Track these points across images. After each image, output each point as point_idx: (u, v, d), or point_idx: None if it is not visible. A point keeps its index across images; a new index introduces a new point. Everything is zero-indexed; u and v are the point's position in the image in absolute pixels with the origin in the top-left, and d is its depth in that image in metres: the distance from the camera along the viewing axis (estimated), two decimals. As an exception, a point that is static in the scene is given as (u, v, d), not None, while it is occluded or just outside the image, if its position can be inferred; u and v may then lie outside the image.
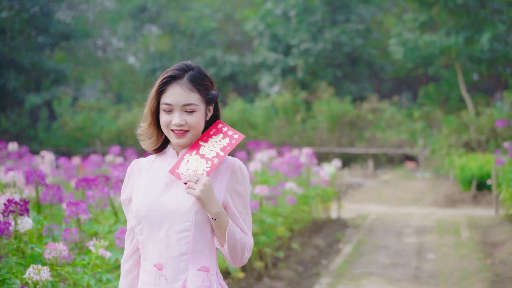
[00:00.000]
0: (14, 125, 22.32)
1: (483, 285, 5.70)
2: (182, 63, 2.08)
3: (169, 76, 2.03)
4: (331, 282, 6.04)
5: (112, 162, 9.95)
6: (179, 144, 2.05)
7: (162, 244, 2.01)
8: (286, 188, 6.93)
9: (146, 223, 2.03)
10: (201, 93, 2.04)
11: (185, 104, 2.01)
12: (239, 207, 2.07)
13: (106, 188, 4.10)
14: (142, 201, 2.04)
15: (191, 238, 2.00)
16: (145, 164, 2.14)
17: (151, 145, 2.11)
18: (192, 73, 2.05)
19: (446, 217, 10.34)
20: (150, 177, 2.09)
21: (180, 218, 1.99)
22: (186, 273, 2.01)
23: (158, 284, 2.01)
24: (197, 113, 2.03)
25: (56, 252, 3.03)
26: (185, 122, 2.02)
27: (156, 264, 2.02)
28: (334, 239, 8.38)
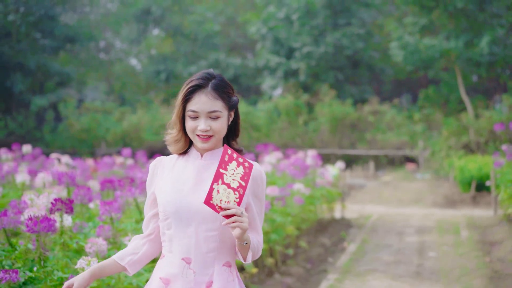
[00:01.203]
0: (20, 127, 22.64)
1: (482, 281, 6.03)
2: (205, 72, 2.21)
3: (194, 85, 2.16)
4: (338, 278, 6.37)
5: (123, 164, 10.32)
6: (204, 148, 2.20)
7: (191, 240, 2.15)
8: (294, 189, 7.26)
9: (175, 219, 2.16)
10: (224, 100, 2.18)
11: (210, 111, 2.14)
12: (258, 210, 2.24)
13: (133, 189, 4.43)
14: (170, 199, 2.17)
15: (218, 237, 2.15)
16: (168, 162, 2.27)
17: (179, 149, 2.25)
18: (215, 81, 2.18)
19: (446, 217, 10.67)
20: (175, 175, 2.22)
21: (208, 218, 2.14)
22: (213, 268, 2.16)
23: (186, 276, 2.15)
24: (221, 119, 2.17)
25: (96, 246, 3.36)
26: (210, 128, 2.15)
27: (184, 258, 2.15)
28: (338, 238, 8.71)
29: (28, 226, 2.96)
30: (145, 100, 25.61)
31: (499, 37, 19.23)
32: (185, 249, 2.16)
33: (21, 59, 22.80)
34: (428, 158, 18.74)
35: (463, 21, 19.37)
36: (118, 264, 2.27)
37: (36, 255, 3.04)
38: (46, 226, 2.96)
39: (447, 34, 19.43)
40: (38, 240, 3.01)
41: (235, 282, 2.22)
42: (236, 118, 2.27)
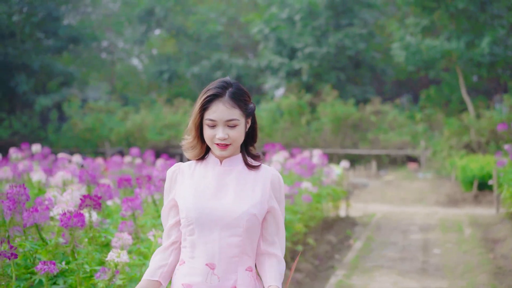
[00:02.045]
0: (24, 126, 22.80)
1: (486, 277, 6.20)
2: (221, 81, 2.23)
3: (212, 94, 2.19)
4: (346, 274, 6.54)
5: (132, 163, 10.49)
6: (223, 155, 2.23)
7: (215, 246, 2.17)
8: (302, 187, 7.42)
9: (197, 225, 2.19)
10: (241, 108, 2.20)
11: (227, 120, 2.17)
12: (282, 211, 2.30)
13: (152, 186, 4.59)
14: (192, 205, 2.19)
15: (241, 242, 2.19)
16: (186, 168, 2.30)
17: (196, 155, 2.29)
18: (232, 90, 2.20)
19: (449, 216, 10.85)
20: (196, 181, 2.25)
21: (231, 224, 2.17)
22: (236, 273, 2.19)
23: (210, 282, 2.17)
24: (238, 127, 2.19)
25: (122, 241, 3.53)
26: (228, 136, 2.18)
27: (208, 264, 2.17)
28: (344, 235, 8.88)
29: (62, 221, 3.12)
30: (148, 100, 25.75)
31: (500, 37, 19.38)
32: (209, 254, 2.18)
33: (25, 59, 22.96)
34: (430, 158, 18.90)
35: (464, 22, 19.52)
36: (152, 281, 2.25)
37: (69, 248, 3.21)
38: (78, 220, 3.13)
39: (448, 35, 19.58)
40: (71, 234, 3.17)
41: (256, 286, 2.26)
42: (253, 125, 2.30)
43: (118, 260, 3.02)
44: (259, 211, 2.21)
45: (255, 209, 2.19)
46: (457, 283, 6.10)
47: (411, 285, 6.06)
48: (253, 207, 2.19)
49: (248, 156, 2.30)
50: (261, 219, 2.23)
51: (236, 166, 2.26)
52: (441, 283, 6.15)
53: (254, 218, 2.19)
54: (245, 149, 2.30)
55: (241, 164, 2.28)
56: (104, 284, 3.02)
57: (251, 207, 2.19)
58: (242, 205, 2.18)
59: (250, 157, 2.30)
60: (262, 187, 2.24)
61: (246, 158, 2.28)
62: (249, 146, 2.31)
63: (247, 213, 2.17)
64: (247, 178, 2.25)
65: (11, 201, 3.35)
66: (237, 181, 2.24)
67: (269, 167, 2.31)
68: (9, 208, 3.33)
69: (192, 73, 25.77)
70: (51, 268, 2.84)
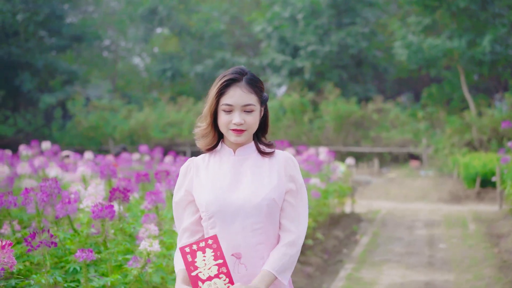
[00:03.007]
0: (29, 124, 22.96)
1: (491, 270, 6.36)
2: (237, 68, 2.23)
3: (229, 79, 2.18)
4: (355, 268, 6.70)
5: (140, 160, 10.66)
6: (237, 141, 2.21)
7: (238, 235, 2.17)
8: (310, 183, 7.59)
9: (219, 217, 2.18)
10: (257, 94, 2.21)
11: (245, 105, 2.17)
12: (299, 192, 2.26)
13: (172, 181, 4.75)
14: (211, 198, 2.19)
15: (264, 228, 2.18)
16: (200, 162, 2.29)
17: (207, 144, 2.27)
18: (249, 76, 2.21)
19: (452, 212, 11.01)
20: (211, 174, 2.25)
21: (252, 211, 2.16)
22: (263, 260, 2.19)
23: (238, 271, 2.17)
24: (254, 113, 2.20)
25: (149, 232, 3.69)
26: (244, 121, 2.18)
27: (234, 254, 2.18)
28: (351, 231, 9.05)
29: (94, 212, 3.27)
30: (151, 98, 25.92)
31: (501, 36, 19.53)
32: (233, 245, 2.17)
33: (29, 58, 23.11)
34: (432, 156, 19.08)
35: (465, 20, 19.66)
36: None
37: (101, 238, 3.36)
38: (110, 212, 3.28)
39: (450, 34, 19.73)
40: (102, 225, 3.33)
41: None
42: (266, 114, 2.30)
43: (151, 249, 3.18)
44: (277, 195, 2.20)
45: (274, 194, 2.19)
46: (464, 276, 6.27)
47: (419, 278, 6.22)
48: (271, 192, 2.18)
49: (261, 144, 2.29)
50: (280, 203, 2.22)
51: (250, 155, 2.26)
52: (448, 276, 6.32)
53: (274, 202, 2.19)
54: (257, 138, 2.30)
55: (255, 152, 2.27)
56: (137, 271, 3.18)
57: (269, 192, 2.18)
58: (261, 191, 2.18)
59: (262, 145, 2.29)
60: (277, 171, 2.23)
61: (259, 146, 2.28)
62: (260, 135, 2.31)
63: (267, 198, 2.17)
64: (262, 165, 2.25)
65: (44, 194, 3.51)
66: (252, 169, 2.23)
67: (282, 151, 2.29)
68: (43, 200, 3.49)
69: (195, 71, 25.91)
70: (89, 255, 3.00)
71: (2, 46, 22.79)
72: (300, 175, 2.28)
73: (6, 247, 2.24)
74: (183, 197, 2.28)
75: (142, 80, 31.46)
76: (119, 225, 3.57)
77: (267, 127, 2.32)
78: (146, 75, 31.63)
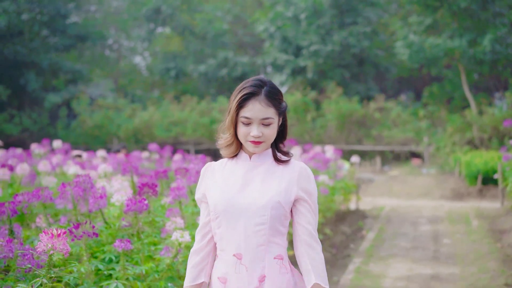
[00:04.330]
0: (34, 123, 23.18)
1: (495, 264, 6.60)
2: (256, 79, 2.26)
3: (248, 92, 2.23)
4: (363, 261, 6.94)
5: (150, 158, 10.89)
6: (255, 152, 2.29)
7: (241, 236, 2.22)
8: (319, 180, 7.82)
9: (224, 217, 2.25)
10: (275, 107, 2.25)
11: (263, 118, 2.22)
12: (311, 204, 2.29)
13: (192, 177, 4.98)
14: (219, 198, 2.26)
15: (267, 230, 2.22)
16: (218, 166, 2.38)
17: (231, 153, 2.34)
18: (267, 88, 2.25)
19: (455, 209, 11.25)
20: (225, 177, 2.32)
21: (256, 213, 2.21)
22: (264, 262, 2.22)
23: (239, 272, 2.22)
24: (272, 125, 2.24)
25: (175, 225, 3.91)
26: (262, 134, 2.23)
27: (235, 254, 2.23)
28: (357, 227, 9.29)
29: (128, 205, 3.51)
30: (154, 98, 26.14)
31: (501, 35, 19.74)
32: (235, 245, 2.23)
33: (34, 57, 23.33)
34: (433, 154, 19.31)
35: (466, 20, 19.86)
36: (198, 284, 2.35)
37: (134, 230, 3.59)
38: (143, 205, 3.52)
39: (451, 33, 19.94)
40: (136, 217, 3.56)
41: (288, 274, 2.27)
42: (284, 122, 2.34)
43: (182, 240, 3.41)
44: (283, 199, 2.23)
45: (279, 197, 2.22)
46: (469, 269, 6.51)
47: (425, 271, 6.46)
48: (277, 195, 2.22)
49: (278, 152, 2.33)
50: (286, 208, 2.25)
51: (265, 161, 2.31)
52: (453, 269, 6.55)
53: (279, 205, 2.22)
54: (275, 145, 2.34)
55: (270, 159, 2.32)
56: (169, 260, 3.41)
57: (275, 195, 2.22)
58: (267, 194, 2.22)
59: (280, 153, 2.33)
60: (289, 179, 2.27)
61: (276, 154, 2.32)
62: (279, 143, 2.35)
63: (272, 201, 2.21)
64: (275, 171, 2.29)
65: (80, 189, 3.74)
66: (264, 174, 2.28)
67: (298, 162, 2.33)
68: (79, 194, 3.72)
69: (199, 72, 26.13)
70: (127, 245, 3.23)
71: (8, 46, 23.00)
72: (313, 184, 2.31)
73: (61, 234, 2.46)
74: (199, 199, 2.39)
75: (144, 79, 31.69)
76: (148, 218, 3.80)
77: (285, 134, 2.37)
78: (148, 74, 31.86)
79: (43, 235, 2.45)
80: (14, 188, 6.19)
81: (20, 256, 3.04)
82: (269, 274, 2.22)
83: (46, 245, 2.44)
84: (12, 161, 8.01)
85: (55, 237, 2.45)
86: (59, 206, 4.34)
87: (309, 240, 2.26)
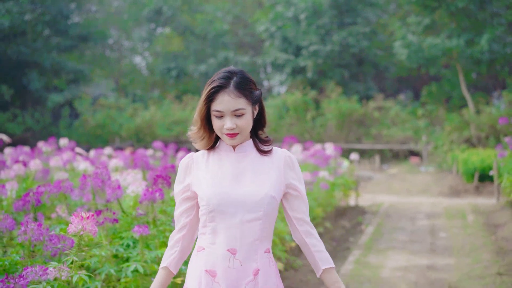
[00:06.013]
0: (37, 123, 23.44)
1: (489, 255, 6.88)
2: (226, 71, 2.24)
3: (216, 86, 2.20)
4: (362, 253, 7.22)
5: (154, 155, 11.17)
6: (233, 144, 2.27)
7: (237, 231, 2.20)
8: (319, 176, 8.10)
9: (218, 212, 2.21)
10: (246, 97, 2.21)
11: (234, 110, 2.19)
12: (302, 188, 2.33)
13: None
14: (212, 192, 2.21)
15: (262, 225, 2.22)
16: (200, 158, 2.33)
17: (205, 145, 2.32)
18: (237, 79, 2.21)
19: (452, 205, 11.53)
20: (212, 169, 2.28)
21: (252, 208, 2.20)
22: (257, 256, 2.23)
23: (233, 267, 2.21)
24: (245, 116, 2.22)
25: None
26: (236, 126, 2.21)
27: (229, 249, 2.21)
28: (356, 222, 9.56)
29: (145, 195, 3.78)
30: (155, 97, 26.42)
31: (498, 35, 19.99)
32: (230, 240, 2.21)
33: (37, 57, 23.60)
34: (431, 152, 19.58)
35: (464, 20, 20.11)
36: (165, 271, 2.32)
37: (150, 217, 3.86)
38: (159, 194, 3.79)
39: (449, 33, 20.20)
40: (152, 205, 3.83)
41: (273, 267, 2.31)
42: (261, 110, 2.32)
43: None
44: (277, 193, 2.25)
45: (273, 191, 2.23)
46: (464, 260, 6.79)
47: (422, 262, 6.73)
48: (271, 189, 2.23)
49: (259, 142, 2.32)
50: (279, 200, 2.27)
51: (250, 152, 2.30)
52: (449, 260, 6.83)
53: (274, 200, 2.23)
54: (255, 133, 2.33)
55: (254, 149, 2.31)
56: (183, 245, 3.67)
57: (270, 190, 2.22)
58: (262, 188, 2.22)
59: (260, 142, 2.32)
60: (277, 169, 2.28)
61: (258, 145, 2.31)
62: (258, 130, 2.34)
63: (268, 196, 2.21)
64: (262, 162, 2.29)
65: (99, 180, 4.01)
66: (253, 166, 2.27)
67: (281, 149, 2.34)
68: (98, 185, 3.99)
69: (200, 72, 26.41)
70: (145, 230, 3.50)
71: (11, 46, 23.26)
72: (298, 171, 2.33)
73: (90, 217, 2.73)
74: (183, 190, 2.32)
75: (144, 79, 31.95)
76: (162, 207, 4.07)
77: (264, 122, 2.35)
78: (149, 74, 32.13)
79: (74, 217, 2.72)
80: (28, 183, 6.46)
81: (47, 241, 3.31)
82: (261, 268, 2.23)
83: (76, 227, 2.71)
84: (23, 158, 8.28)
85: (84, 219, 2.71)
86: (75, 198, 4.63)
87: (305, 229, 2.31)
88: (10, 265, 3.14)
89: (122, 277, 3.49)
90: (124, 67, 32.31)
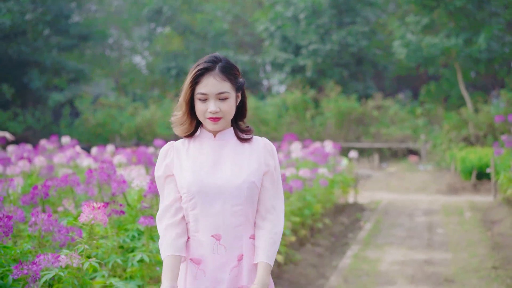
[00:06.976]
0: (38, 121, 23.57)
1: (485, 250, 7.02)
2: (211, 56, 2.25)
3: (202, 68, 2.21)
4: (361, 248, 7.35)
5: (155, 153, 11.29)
6: (215, 129, 2.26)
7: (218, 217, 2.20)
8: (319, 173, 8.23)
9: (199, 199, 2.20)
10: (231, 81, 2.23)
11: (219, 93, 2.20)
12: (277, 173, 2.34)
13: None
14: (193, 179, 2.21)
15: (244, 210, 2.23)
16: (180, 145, 2.31)
17: (184, 131, 2.29)
18: (222, 64, 2.23)
19: (450, 202, 11.67)
20: (192, 156, 2.27)
21: (233, 193, 2.21)
22: (241, 242, 2.24)
23: (217, 252, 2.21)
24: (229, 100, 2.22)
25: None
26: (220, 109, 2.21)
27: (214, 235, 2.21)
28: (355, 218, 9.70)
29: (150, 188, 3.91)
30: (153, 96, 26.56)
31: (496, 34, 20.12)
32: (213, 226, 2.21)
33: (37, 56, 23.73)
34: (430, 151, 19.72)
35: (462, 19, 20.24)
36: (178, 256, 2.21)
37: (154, 210, 4.00)
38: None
39: (447, 32, 20.33)
40: (156, 199, 3.96)
41: None
42: (243, 99, 2.33)
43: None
44: (257, 178, 2.25)
45: (253, 177, 2.24)
46: (460, 255, 6.92)
47: (419, 257, 6.87)
48: (251, 175, 2.23)
49: (239, 131, 2.33)
50: (259, 186, 2.27)
51: (230, 139, 2.31)
52: (446, 255, 6.97)
53: (254, 185, 2.24)
54: (235, 123, 2.34)
55: (234, 137, 2.32)
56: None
57: (250, 175, 2.23)
58: (242, 174, 2.23)
59: (241, 131, 2.33)
60: (257, 155, 2.29)
61: (238, 132, 2.32)
62: (238, 120, 2.35)
63: (247, 181, 2.22)
64: (242, 149, 2.30)
65: (104, 174, 4.15)
66: (233, 153, 2.28)
67: (261, 138, 2.35)
68: (104, 179, 4.12)
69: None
70: (150, 221, 3.63)
71: (12, 45, 23.40)
72: (277, 160, 2.34)
73: (101, 207, 2.86)
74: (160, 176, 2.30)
75: (144, 78, 32.08)
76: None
77: (245, 112, 2.36)
78: (149, 73, 32.25)
79: (85, 207, 2.85)
80: (33, 179, 6.59)
81: (56, 232, 3.44)
82: (246, 253, 2.24)
83: (88, 216, 2.84)
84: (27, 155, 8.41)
85: (95, 209, 2.84)
86: (80, 192, 4.76)
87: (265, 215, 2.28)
88: (21, 254, 3.26)
89: (129, 267, 3.62)
90: (124, 67, 32.45)
